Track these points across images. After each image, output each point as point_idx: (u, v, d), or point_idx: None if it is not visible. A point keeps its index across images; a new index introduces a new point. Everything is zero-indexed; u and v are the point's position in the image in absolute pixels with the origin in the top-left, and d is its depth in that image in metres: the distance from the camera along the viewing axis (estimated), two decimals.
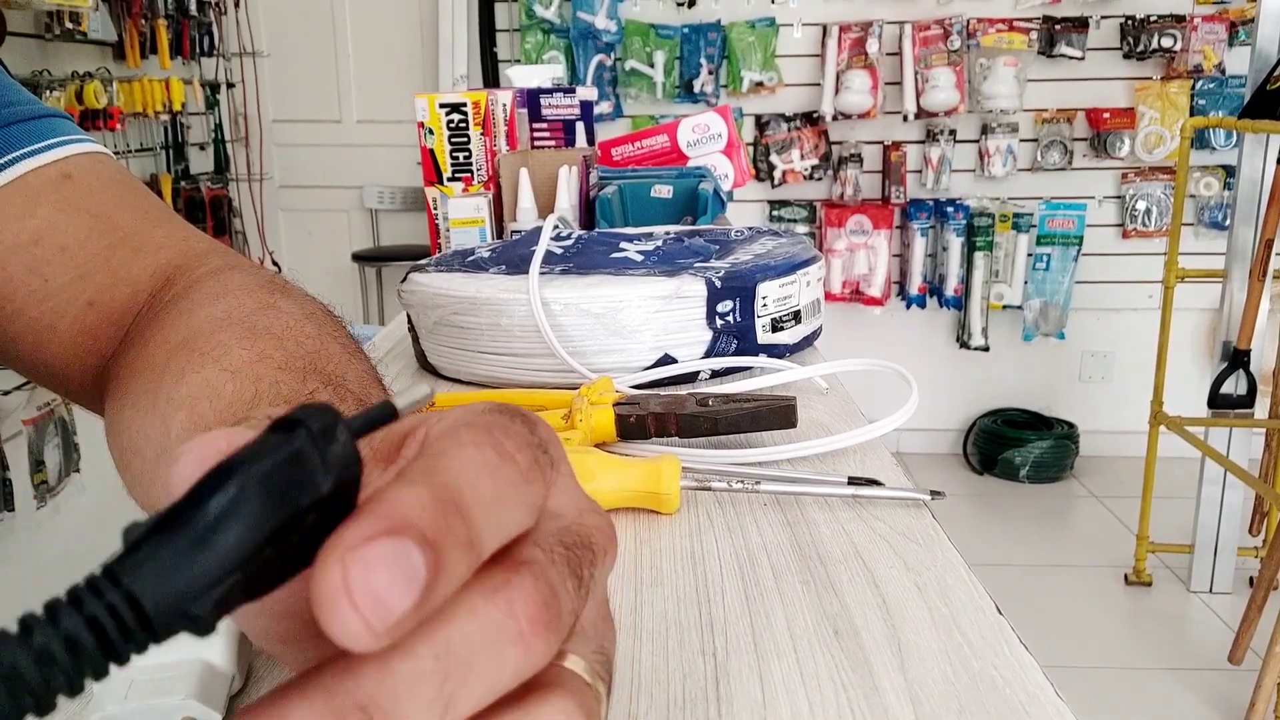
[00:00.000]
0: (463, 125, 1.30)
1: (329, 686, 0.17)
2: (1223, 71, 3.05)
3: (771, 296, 0.77)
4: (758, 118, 3.20)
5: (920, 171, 3.19)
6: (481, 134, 1.30)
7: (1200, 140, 3.06)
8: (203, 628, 0.16)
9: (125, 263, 0.49)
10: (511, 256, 0.82)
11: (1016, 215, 3.15)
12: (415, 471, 0.19)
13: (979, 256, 3.17)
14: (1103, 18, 3.07)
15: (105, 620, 0.15)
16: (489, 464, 0.20)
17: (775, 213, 3.26)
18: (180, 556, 0.16)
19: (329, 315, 0.45)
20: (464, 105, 1.29)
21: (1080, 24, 3.07)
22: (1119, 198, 3.20)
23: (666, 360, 0.74)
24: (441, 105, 1.29)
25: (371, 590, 0.16)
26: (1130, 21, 3.05)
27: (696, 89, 3.11)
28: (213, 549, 0.16)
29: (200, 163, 3.24)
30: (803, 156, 3.21)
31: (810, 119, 3.18)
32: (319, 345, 0.40)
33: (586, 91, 1.51)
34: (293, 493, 0.17)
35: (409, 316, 0.83)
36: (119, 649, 0.15)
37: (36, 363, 0.50)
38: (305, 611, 0.18)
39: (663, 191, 1.26)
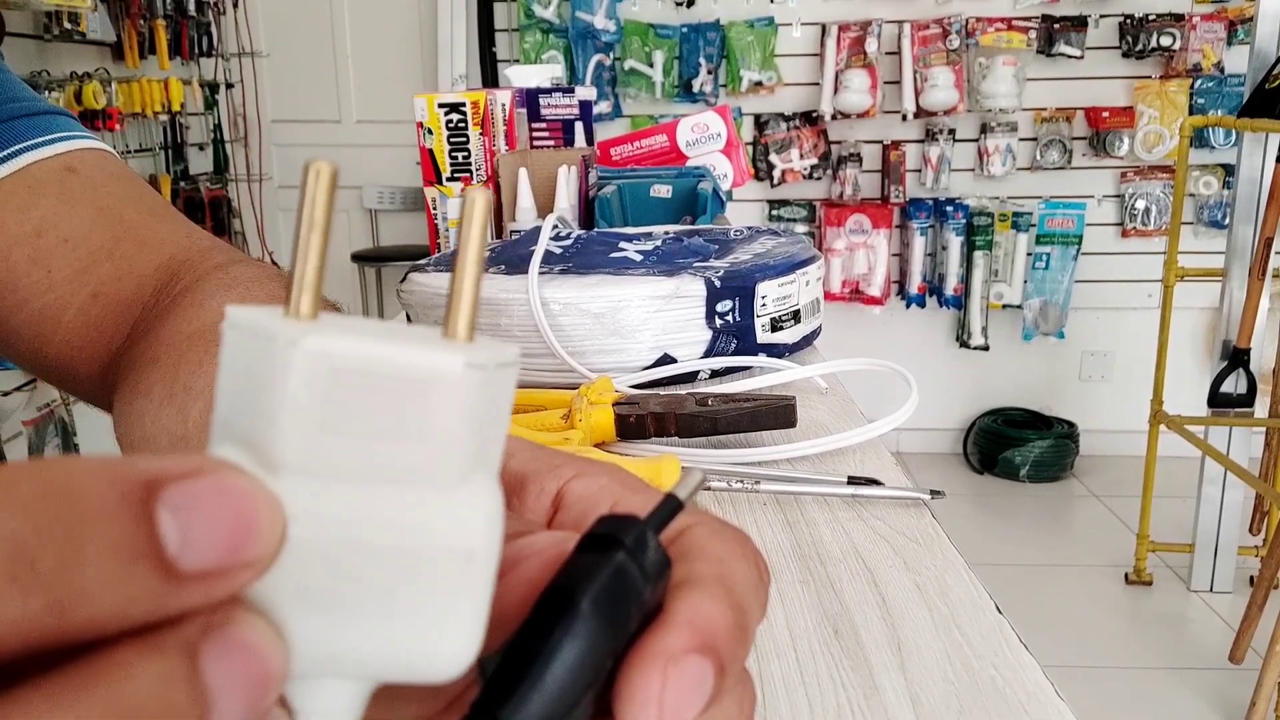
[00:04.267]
0: (462, 125, 1.30)
1: None
2: (1222, 70, 3.05)
3: (771, 296, 0.77)
4: (757, 117, 3.19)
5: (919, 171, 3.19)
6: (480, 134, 1.30)
7: (1199, 139, 3.06)
8: None
9: (129, 256, 0.49)
10: (511, 256, 0.82)
11: (1016, 214, 3.15)
12: (714, 583, 0.19)
13: (978, 256, 3.17)
14: (1102, 17, 3.07)
15: None
16: (754, 582, 0.21)
17: (774, 212, 3.26)
18: (547, 690, 0.17)
19: (336, 310, 0.45)
20: (463, 105, 1.29)
21: (1079, 23, 3.07)
22: (1118, 197, 3.20)
23: (666, 360, 0.74)
24: (440, 105, 1.29)
25: (675, 704, 0.18)
26: (1129, 20, 3.05)
27: (695, 88, 3.11)
28: (571, 676, 0.17)
29: (199, 163, 3.24)
30: (802, 156, 3.21)
31: (809, 118, 3.18)
32: None
33: (585, 91, 1.51)
34: (625, 609, 0.18)
35: (408, 316, 0.83)
36: None
37: (42, 356, 0.50)
38: None
39: (662, 191, 1.26)
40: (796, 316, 0.79)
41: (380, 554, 0.16)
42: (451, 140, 1.30)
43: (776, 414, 0.60)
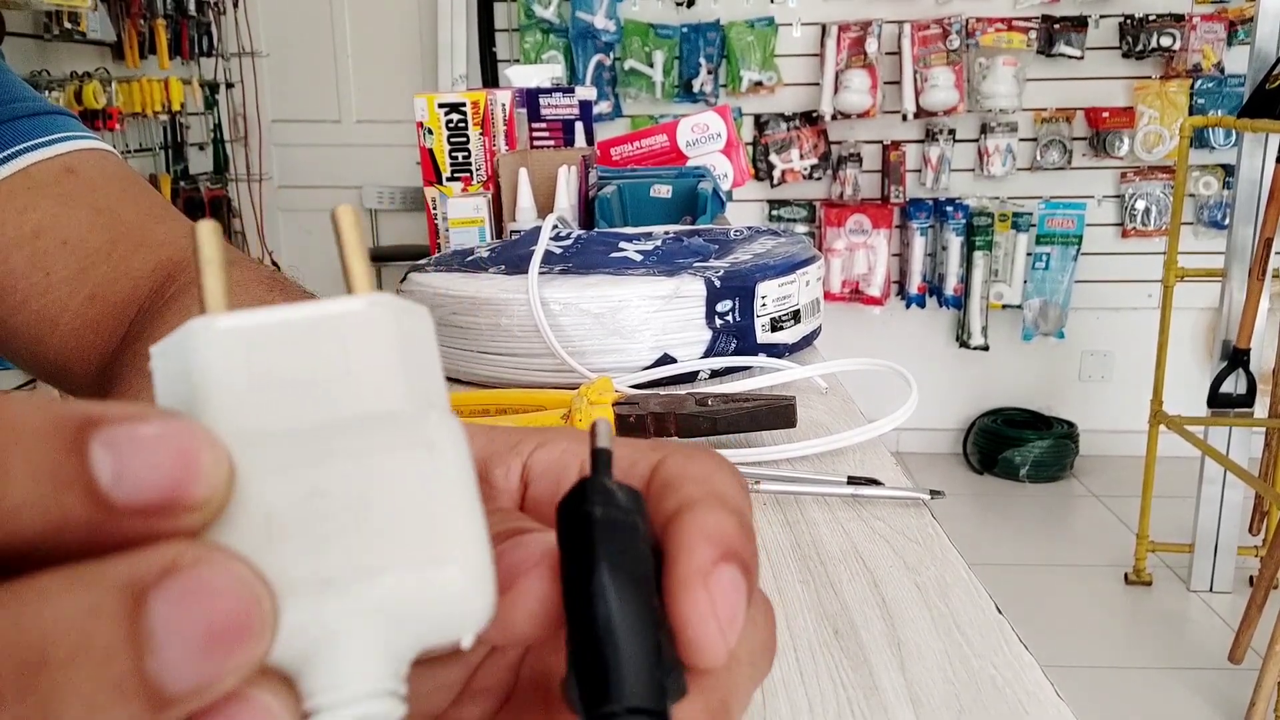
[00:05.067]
0: (462, 125, 1.30)
1: (708, 689, 0.19)
2: (1222, 70, 3.05)
3: (771, 296, 0.77)
4: (757, 117, 3.19)
5: (919, 171, 3.19)
6: (481, 134, 1.30)
7: (1199, 139, 3.06)
8: (681, 688, 0.18)
9: (126, 257, 0.49)
10: (511, 256, 0.82)
11: (1016, 214, 3.15)
12: (708, 496, 0.20)
13: (978, 256, 3.17)
14: (1102, 17, 3.07)
15: None
16: (739, 487, 0.21)
17: (774, 212, 3.26)
18: (627, 660, 0.17)
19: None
20: (463, 105, 1.29)
21: (1079, 23, 3.07)
22: (1118, 197, 3.20)
23: (666, 360, 0.74)
24: (440, 105, 1.29)
25: (726, 612, 0.18)
26: (1129, 21, 3.05)
27: (695, 89, 3.11)
28: (635, 633, 0.18)
29: (199, 163, 3.24)
30: (802, 156, 3.21)
31: (809, 118, 3.18)
32: None
33: (585, 91, 1.51)
34: (635, 548, 0.19)
35: None
36: None
37: (39, 357, 0.50)
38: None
39: (662, 191, 1.26)
40: (796, 316, 0.79)
41: (350, 487, 0.16)
42: (451, 140, 1.30)
43: (776, 414, 0.60)
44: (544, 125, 1.49)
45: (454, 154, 1.31)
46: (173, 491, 0.14)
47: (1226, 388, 2.34)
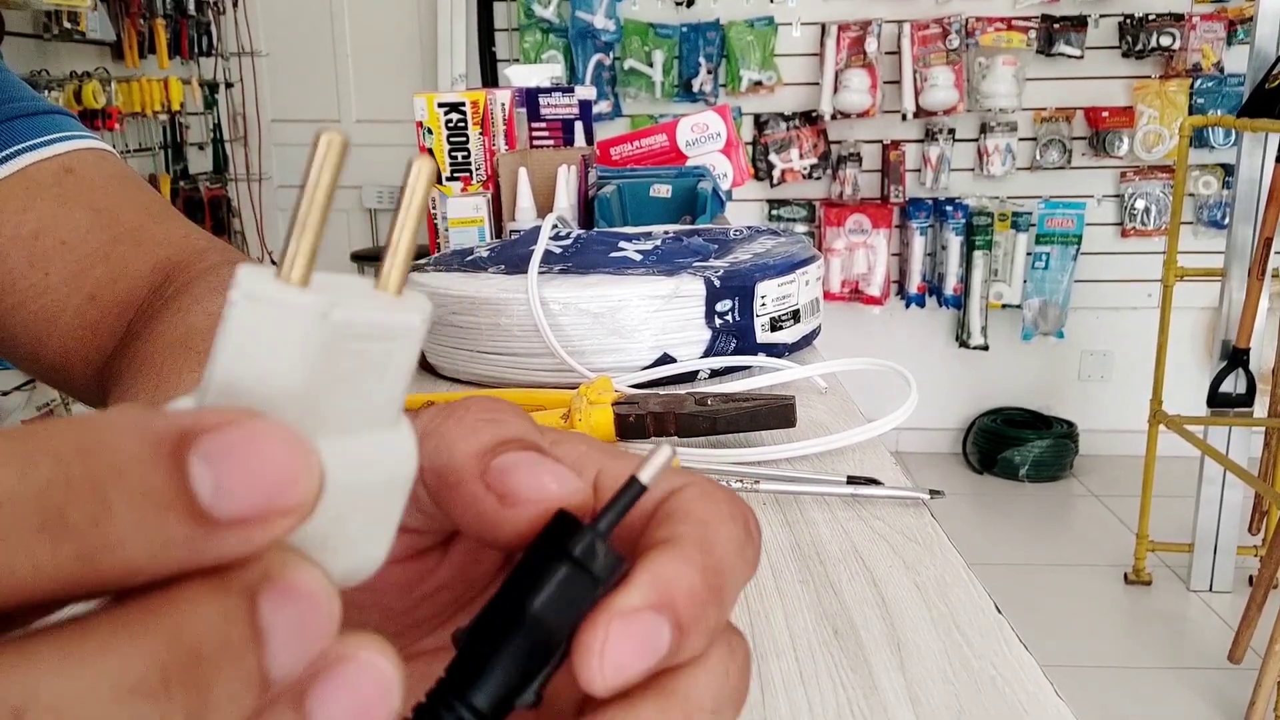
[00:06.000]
0: (461, 125, 1.30)
1: (637, 711, 0.19)
2: (1221, 70, 3.05)
3: (770, 296, 0.77)
4: (756, 117, 3.19)
5: (919, 170, 3.19)
6: (480, 133, 1.30)
7: (1199, 139, 3.06)
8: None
9: (125, 257, 0.49)
10: (510, 256, 0.82)
11: (1015, 214, 3.15)
12: (688, 544, 0.20)
13: (978, 255, 3.17)
14: (1101, 16, 3.07)
15: None
16: (741, 541, 0.21)
17: (774, 212, 3.26)
18: (497, 682, 0.19)
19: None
20: (462, 105, 1.29)
21: (1079, 23, 3.07)
22: (1118, 196, 3.20)
23: (665, 359, 0.74)
24: (440, 105, 1.29)
25: (617, 657, 0.18)
26: (1129, 20, 3.05)
27: (695, 88, 3.11)
28: (519, 670, 0.19)
29: (199, 163, 3.24)
30: (801, 155, 3.20)
31: (809, 118, 3.18)
32: None
33: (585, 91, 1.51)
34: (573, 610, 0.19)
35: None
36: None
37: (39, 357, 0.50)
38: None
39: (662, 191, 1.26)
40: (796, 316, 0.79)
41: (344, 489, 0.17)
42: (451, 140, 1.30)
43: (776, 414, 0.60)
44: (544, 125, 1.49)
45: (454, 154, 1.31)
46: (270, 502, 0.14)
47: (1226, 387, 2.34)
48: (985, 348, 3.26)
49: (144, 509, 0.13)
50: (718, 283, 0.74)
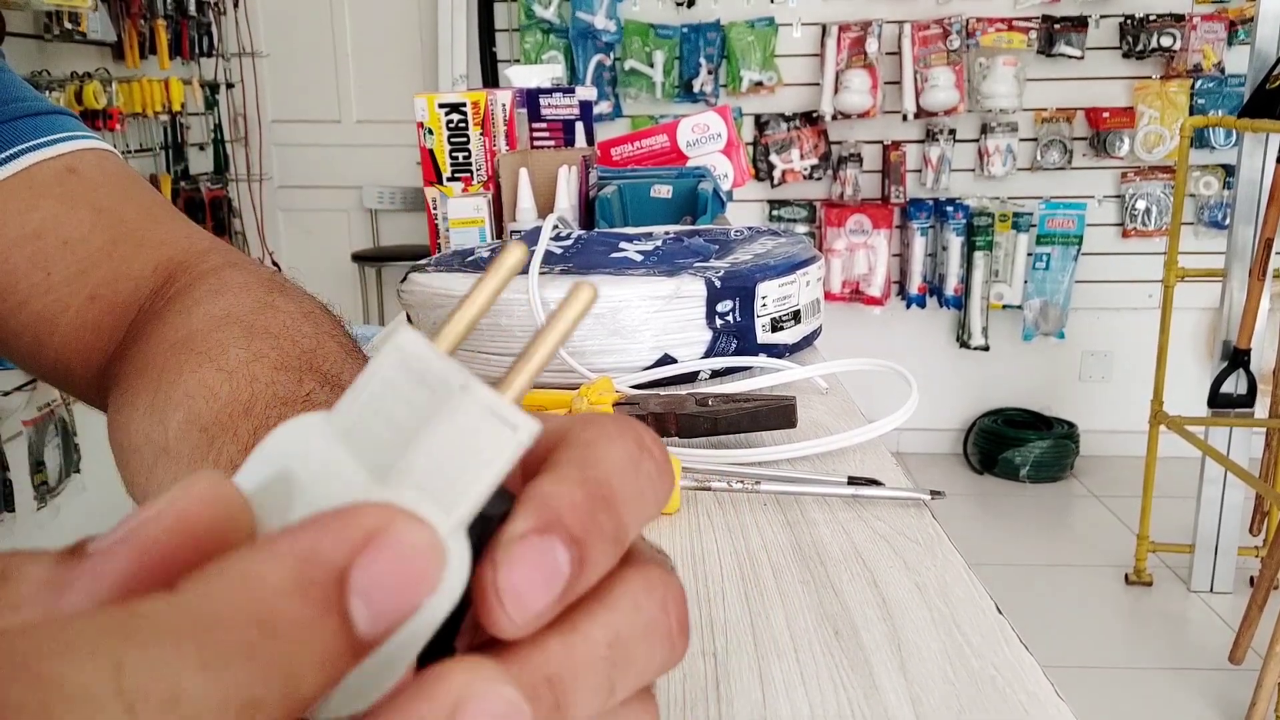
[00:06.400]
0: (462, 125, 1.30)
1: (523, 659, 0.18)
2: (1222, 71, 3.05)
3: (771, 296, 0.77)
4: (757, 117, 3.19)
5: (920, 171, 3.19)
6: (481, 134, 1.30)
7: (1200, 139, 3.06)
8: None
9: (127, 258, 0.49)
10: None
11: (1016, 215, 3.15)
12: (567, 465, 0.19)
13: (979, 256, 3.17)
14: (1102, 17, 3.07)
15: None
16: (632, 456, 0.20)
17: (775, 212, 3.26)
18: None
19: (327, 314, 0.45)
20: (463, 105, 1.29)
21: (1079, 23, 3.07)
22: (1119, 197, 3.20)
23: (666, 360, 0.74)
24: (441, 105, 1.29)
25: (514, 588, 0.18)
26: (1129, 21, 3.05)
27: (696, 89, 3.11)
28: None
29: (200, 163, 3.24)
30: (802, 156, 3.21)
31: (810, 118, 3.18)
32: (316, 344, 0.40)
33: (586, 91, 1.51)
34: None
35: (409, 316, 0.83)
36: None
37: (40, 358, 0.50)
38: None
39: (662, 191, 1.26)
40: (797, 317, 0.79)
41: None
42: (452, 140, 1.30)
43: (777, 414, 0.60)
44: (544, 125, 1.49)
45: (454, 154, 1.31)
46: (408, 608, 0.16)
47: (1227, 388, 2.34)
48: (986, 348, 3.26)
49: (323, 666, 0.15)
50: (718, 283, 0.74)
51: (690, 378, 0.75)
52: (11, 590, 0.16)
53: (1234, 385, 2.35)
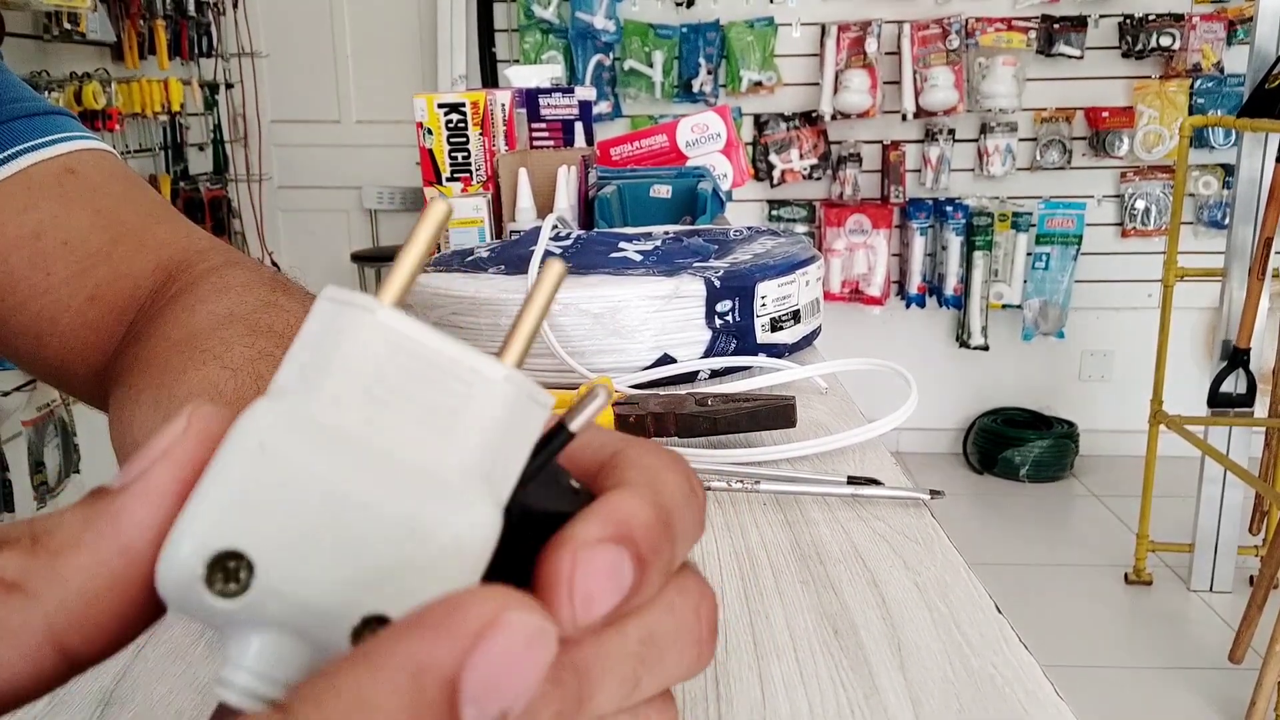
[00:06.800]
0: (461, 125, 1.30)
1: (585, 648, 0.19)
2: (1221, 70, 3.05)
3: (770, 296, 0.77)
4: (756, 117, 3.19)
5: (919, 171, 3.19)
6: (480, 134, 1.30)
7: (1199, 139, 3.06)
8: None
9: (127, 258, 0.49)
10: (510, 256, 0.82)
11: (1016, 214, 3.15)
12: (640, 485, 0.20)
13: (978, 256, 3.17)
14: (1101, 17, 3.07)
15: None
16: (685, 491, 0.21)
17: (774, 212, 3.26)
18: None
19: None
20: (463, 105, 1.29)
21: (1079, 23, 3.07)
22: (1118, 197, 3.20)
23: (665, 360, 0.74)
24: (440, 105, 1.29)
25: (587, 589, 0.18)
26: (1129, 20, 3.05)
27: (695, 89, 3.11)
28: None
29: (199, 163, 3.24)
30: (802, 156, 3.21)
31: (809, 118, 3.18)
32: None
33: (585, 91, 1.51)
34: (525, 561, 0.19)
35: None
36: None
37: (39, 358, 0.50)
38: None
39: (662, 191, 1.26)
40: (796, 316, 0.79)
41: (363, 524, 0.17)
42: (451, 140, 1.30)
43: (776, 414, 0.60)
44: (544, 125, 1.49)
45: (454, 154, 1.31)
46: (516, 701, 0.16)
47: (1226, 387, 2.34)
48: (985, 348, 3.26)
49: None
50: (718, 283, 0.74)
51: (690, 377, 0.75)
52: (54, 539, 0.17)
53: (1233, 385, 2.35)
